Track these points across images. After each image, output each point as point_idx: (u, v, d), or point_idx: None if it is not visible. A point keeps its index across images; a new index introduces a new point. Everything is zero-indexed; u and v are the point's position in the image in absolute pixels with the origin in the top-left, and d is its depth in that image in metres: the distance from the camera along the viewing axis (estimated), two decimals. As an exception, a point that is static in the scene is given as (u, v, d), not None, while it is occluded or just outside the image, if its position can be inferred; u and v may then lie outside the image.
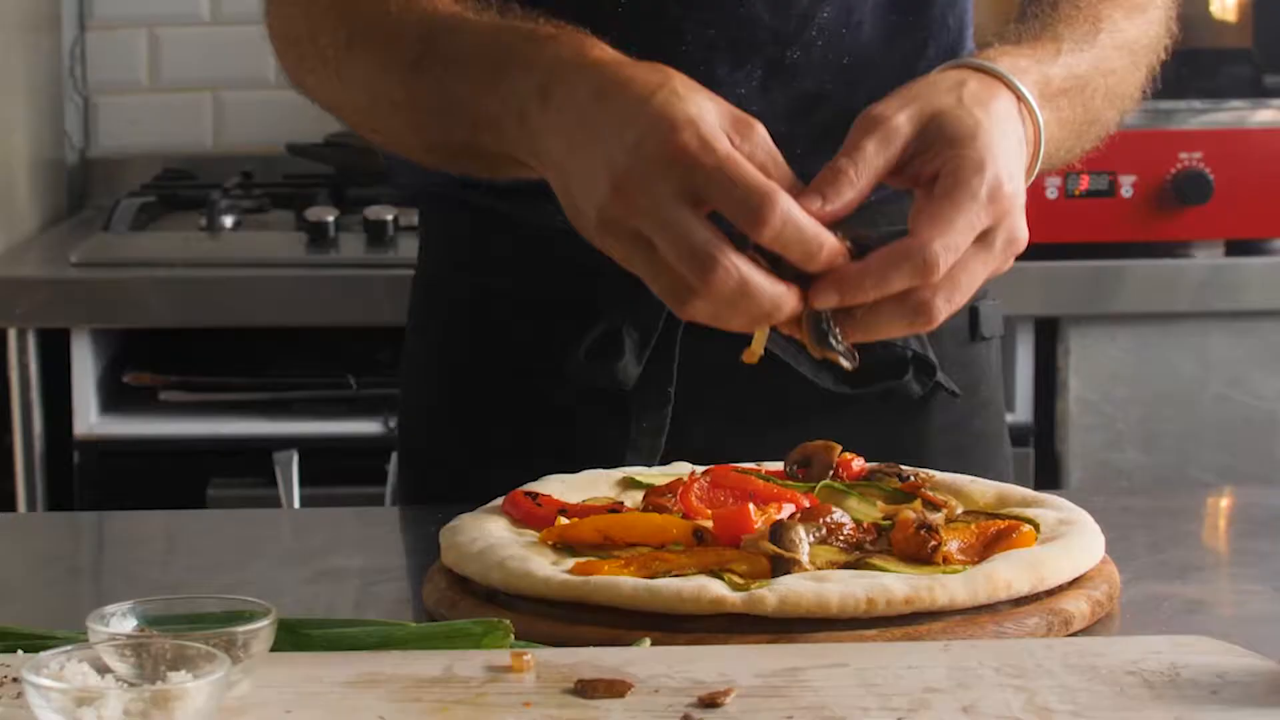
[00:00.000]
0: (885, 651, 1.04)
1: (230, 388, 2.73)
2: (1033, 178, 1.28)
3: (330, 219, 2.76)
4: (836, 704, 0.96)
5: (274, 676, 1.01)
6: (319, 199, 2.90)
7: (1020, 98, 1.25)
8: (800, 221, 1.13)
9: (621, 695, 0.98)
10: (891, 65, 1.49)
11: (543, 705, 0.97)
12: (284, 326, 2.68)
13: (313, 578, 1.35)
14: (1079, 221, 2.70)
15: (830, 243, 1.15)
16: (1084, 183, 2.69)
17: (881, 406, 1.54)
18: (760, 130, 1.18)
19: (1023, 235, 1.20)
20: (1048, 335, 2.74)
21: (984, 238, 1.18)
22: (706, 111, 1.16)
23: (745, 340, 1.40)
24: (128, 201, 2.90)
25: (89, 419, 2.67)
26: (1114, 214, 2.70)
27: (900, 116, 1.20)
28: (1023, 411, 2.74)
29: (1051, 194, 2.69)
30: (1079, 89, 1.33)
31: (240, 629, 1.00)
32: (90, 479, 2.67)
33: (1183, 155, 2.67)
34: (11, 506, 2.65)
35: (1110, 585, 1.24)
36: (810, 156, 1.46)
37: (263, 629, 1.01)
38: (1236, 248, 2.75)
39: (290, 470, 2.62)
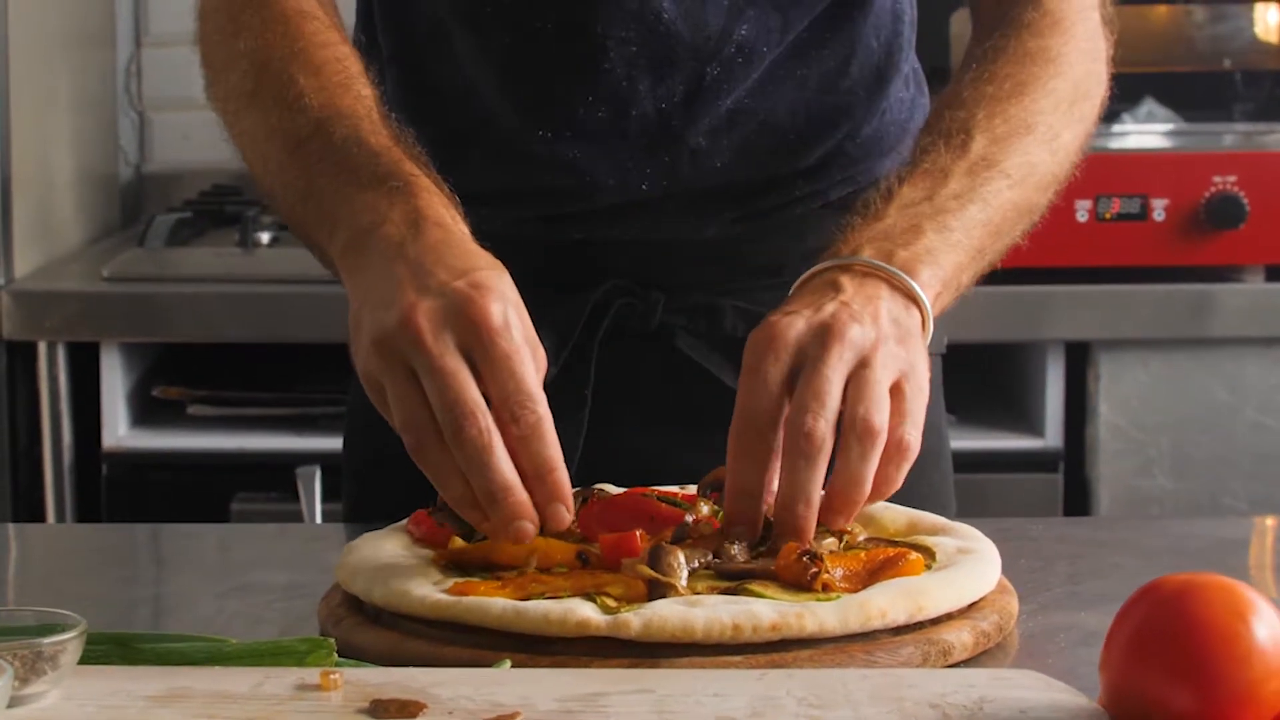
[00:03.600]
0: (695, 679, 1.02)
1: (258, 402, 2.75)
2: (940, 296, 1.30)
3: (361, 236, 2.76)
4: (624, 730, 0.95)
5: (83, 689, 1.01)
6: (356, 216, 2.90)
7: (845, 268, 1.27)
8: (548, 431, 1.17)
9: (414, 716, 0.97)
10: (812, 84, 1.48)
11: (331, 725, 0.96)
12: (312, 342, 2.69)
13: (227, 592, 1.35)
14: (1110, 245, 2.65)
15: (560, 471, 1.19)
16: (1115, 206, 2.64)
17: None
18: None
19: (911, 356, 1.24)
20: (1078, 360, 2.70)
21: (866, 362, 1.22)
22: (517, 303, 1.21)
23: (666, 347, 1.38)
24: (163, 217, 2.93)
25: (118, 432, 2.70)
26: (1146, 237, 2.65)
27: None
28: (1052, 437, 2.70)
29: (1082, 217, 2.64)
30: (965, 197, 1.33)
31: (46, 641, 1.01)
32: (118, 491, 2.69)
33: (1216, 179, 2.61)
34: (41, 517, 2.67)
35: (1002, 616, 1.22)
36: (730, 169, 1.46)
37: (70, 641, 1.01)
38: (1278, 273, 2.69)
39: (313, 485, 2.62)
